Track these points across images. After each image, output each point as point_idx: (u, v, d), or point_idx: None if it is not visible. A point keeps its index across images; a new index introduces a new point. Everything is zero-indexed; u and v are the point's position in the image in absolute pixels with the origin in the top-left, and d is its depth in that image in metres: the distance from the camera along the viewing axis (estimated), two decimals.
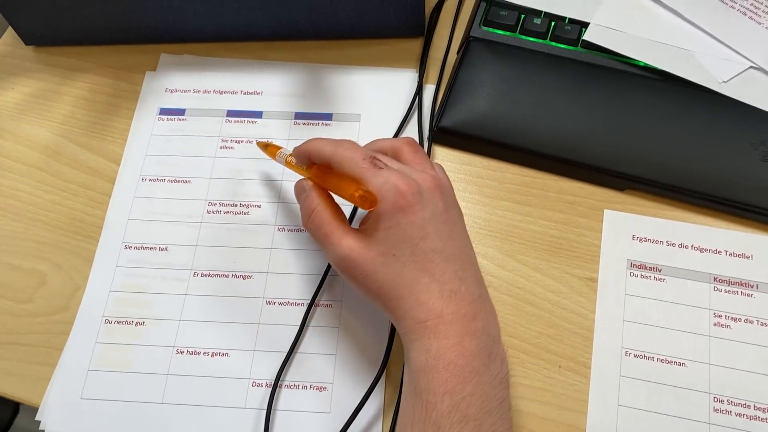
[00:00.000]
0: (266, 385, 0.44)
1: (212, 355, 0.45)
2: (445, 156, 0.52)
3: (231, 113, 0.54)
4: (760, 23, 0.53)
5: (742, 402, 0.43)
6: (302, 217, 0.42)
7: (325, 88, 0.55)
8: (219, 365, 0.45)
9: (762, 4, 0.53)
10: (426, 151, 0.52)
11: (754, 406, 0.43)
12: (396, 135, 0.53)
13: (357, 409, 0.42)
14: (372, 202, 0.37)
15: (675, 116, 0.50)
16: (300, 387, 0.44)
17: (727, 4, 0.53)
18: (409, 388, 0.36)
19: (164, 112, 0.55)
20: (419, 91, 0.54)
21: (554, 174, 0.51)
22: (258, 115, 0.54)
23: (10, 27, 0.59)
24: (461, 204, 0.49)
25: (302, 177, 0.44)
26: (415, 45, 0.57)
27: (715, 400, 0.43)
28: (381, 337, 0.45)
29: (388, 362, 0.44)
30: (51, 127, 0.55)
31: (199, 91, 0.56)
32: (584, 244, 0.48)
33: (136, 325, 0.46)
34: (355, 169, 0.38)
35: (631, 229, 0.49)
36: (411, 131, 0.53)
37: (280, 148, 0.47)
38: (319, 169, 0.42)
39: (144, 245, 0.49)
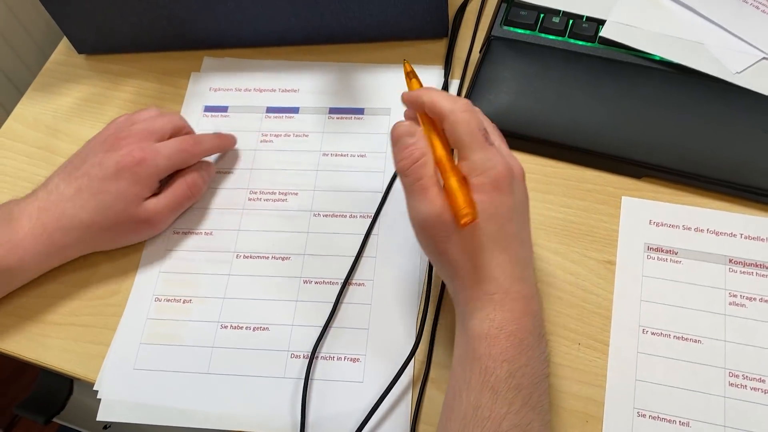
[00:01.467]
0: (304, 357, 0.47)
1: (254, 329, 0.49)
2: None
3: (270, 109, 0.59)
4: None
5: (757, 377, 0.45)
6: (402, 160, 0.41)
7: (357, 85, 0.59)
8: (260, 339, 0.48)
9: None
10: None
11: None
12: None
13: (394, 380, 0.45)
14: (466, 220, 0.37)
15: (690, 106, 0.53)
16: (335, 358, 0.47)
17: None
18: (466, 353, 0.39)
19: (209, 109, 0.59)
20: (445, 87, 0.58)
21: (574, 164, 0.54)
22: (295, 110, 0.58)
23: (64, 37, 0.64)
24: None
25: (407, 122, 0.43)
26: (440, 45, 0.61)
27: (731, 375, 0.45)
28: (409, 314, 0.49)
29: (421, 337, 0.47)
30: (101, 129, 0.59)
31: (240, 90, 0.60)
32: (603, 229, 0.51)
33: (183, 302, 0.50)
34: (469, 137, 0.39)
35: (648, 215, 0.51)
36: None
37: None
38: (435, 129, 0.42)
39: (191, 231, 0.53)
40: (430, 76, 0.59)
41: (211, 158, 0.56)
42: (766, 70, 0.53)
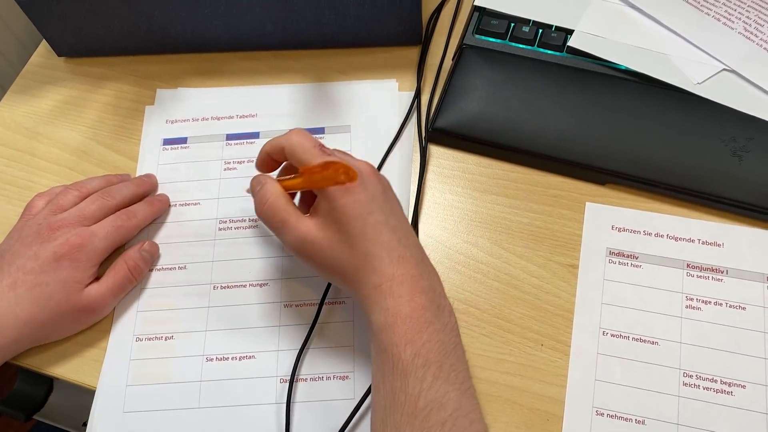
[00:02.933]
0: (296, 381, 0.48)
1: (240, 358, 0.49)
2: (439, 154, 0.57)
3: (230, 136, 0.59)
4: (732, 28, 0.56)
5: (710, 377, 0.47)
6: (257, 206, 0.46)
7: (315, 104, 0.60)
8: (247, 367, 0.49)
9: (735, 10, 0.57)
10: (421, 150, 0.56)
11: (721, 381, 0.46)
12: (395, 138, 0.57)
13: (368, 390, 0.47)
14: (353, 176, 0.41)
15: (653, 115, 0.54)
16: (324, 378, 0.48)
17: (702, 10, 0.57)
18: (376, 348, 0.41)
19: (168, 142, 0.59)
20: (417, 95, 0.59)
21: (540, 170, 0.55)
22: (255, 135, 0.59)
23: (44, 40, 0.65)
24: (454, 198, 0.54)
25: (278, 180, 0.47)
26: (414, 52, 0.62)
27: (685, 375, 0.47)
28: None
29: None
30: (81, 131, 0.60)
31: (197, 119, 0.60)
32: (566, 233, 0.52)
33: (165, 339, 0.50)
34: (307, 154, 0.43)
35: (610, 220, 0.53)
36: (408, 133, 0.58)
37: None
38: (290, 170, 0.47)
39: (165, 267, 0.53)
40: (387, 90, 0.60)
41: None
42: (726, 81, 0.55)
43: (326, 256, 0.43)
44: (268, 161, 0.48)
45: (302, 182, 0.44)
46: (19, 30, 0.71)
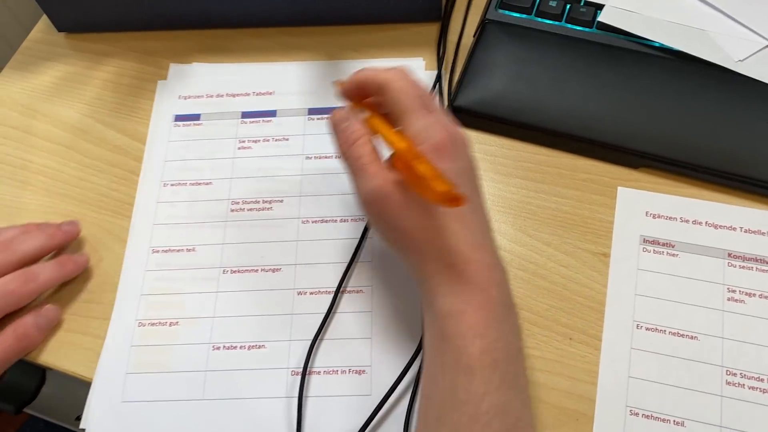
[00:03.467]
0: (308, 374, 0.45)
1: (249, 348, 0.46)
2: None
3: (246, 114, 0.56)
4: None
5: (756, 375, 0.43)
6: (340, 144, 0.40)
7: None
8: (256, 357, 0.46)
9: None
10: None
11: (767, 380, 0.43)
12: None
13: (392, 387, 0.43)
14: (458, 201, 0.33)
15: (690, 95, 0.51)
16: (339, 372, 0.45)
17: None
18: (435, 334, 0.37)
19: (179, 118, 0.56)
20: (439, 73, 0.55)
21: (568, 152, 0.51)
22: (272, 114, 0.56)
23: (44, 15, 0.62)
24: None
25: (354, 113, 0.42)
26: (432, 29, 0.58)
27: (728, 373, 0.43)
28: (415, 318, 0.46)
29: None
30: (79, 109, 0.57)
31: (212, 96, 0.57)
32: (597, 220, 0.49)
33: (170, 325, 0.47)
34: (408, 103, 0.38)
35: (644, 206, 0.49)
36: None
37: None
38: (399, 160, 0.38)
39: (171, 248, 0.50)
40: (412, 68, 0.55)
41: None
42: None
43: (399, 217, 0.37)
44: (355, 93, 0.42)
45: (395, 160, 0.38)
46: (17, 6, 0.68)
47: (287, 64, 0.58)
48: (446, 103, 0.54)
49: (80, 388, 0.46)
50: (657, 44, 0.53)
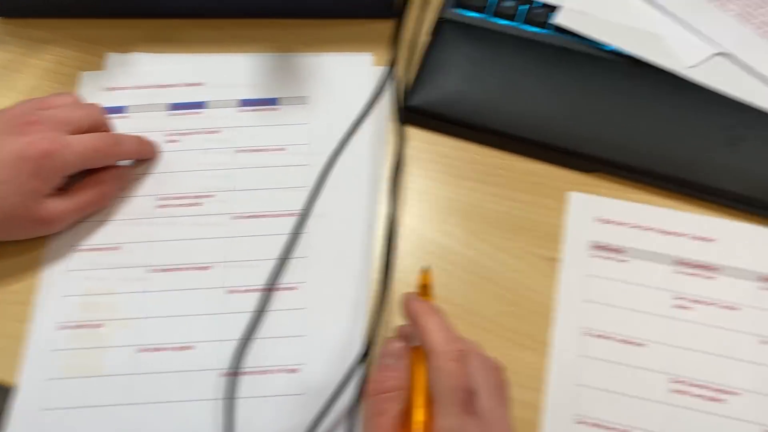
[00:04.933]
0: (236, 374, 0.44)
1: (177, 349, 0.45)
2: (413, 136, 0.52)
3: (174, 106, 0.53)
4: (727, 11, 0.53)
5: (700, 383, 0.43)
6: (373, 383, 0.35)
7: (272, 75, 0.55)
8: (185, 359, 0.44)
9: None
10: (398, 131, 0.52)
11: (712, 387, 0.42)
12: (360, 118, 0.52)
13: (338, 388, 0.42)
14: None
15: (642, 100, 0.50)
16: (271, 371, 0.44)
17: None
18: None
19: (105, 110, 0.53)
20: (391, 70, 0.54)
21: (521, 155, 0.51)
22: (202, 105, 0.53)
23: None
24: (427, 183, 0.50)
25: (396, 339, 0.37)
26: (387, 26, 0.57)
27: (673, 381, 0.43)
28: (351, 317, 0.45)
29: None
30: (14, 98, 0.53)
31: (139, 87, 0.54)
32: (548, 224, 0.48)
33: (94, 327, 0.45)
34: (447, 394, 0.32)
35: (595, 211, 0.48)
36: (381, 112, 0.53)
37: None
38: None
39: (95, 247, 0.48)
40: (355, 64, 0.55)
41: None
42: (720, 66, 0.51)
43: None
44: (410, 328, 0.37)
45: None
46: None
47: (226, 56, 0.56)
48: (399, 102, 0.53)
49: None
50: (611, 48, 0.52)
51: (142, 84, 0.55)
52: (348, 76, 0.55)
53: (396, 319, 0.45)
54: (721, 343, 0.44)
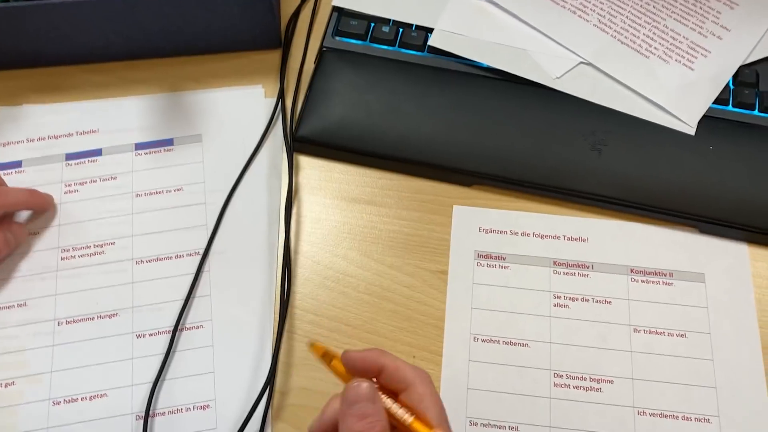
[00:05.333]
0: (152, 416, 0.45)
1: (90, 398, 0.46)
2: (306, 164, 0.55)
3: (70, 156, 0.54)
4: (587, 20, 0.57)
5: (579, 375, 0.47)
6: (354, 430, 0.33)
7: (160, 115, 0.56)
8: (99, 407, 0.46)
9: (589, 2, 0.57)
10: (288, 161, 0.54)
11: (590, 378, 0.47)
12: (255, 151, 0.55)
13: (245, 422, 0.44)
14: None
15: (514, 113, 0.54)
16: (183, 410, 0.46)
17: (558, 3, 0.57)
18: None
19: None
20: (280, 101, 0.56)
21: (408, 175, 0.54)
22: (97, 153, 0.55)
23: None
24: (321, 210, 0.53)
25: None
26: (274, 56, 0.59)
27: (555, 375, 0.47)
28: (258, 348, 0.47)
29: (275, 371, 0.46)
30: None
31: (32, 140, 0.55)
32: (435, 239, 0.51)
33: (6, 386, 0.46)
34: (438, 417, 0.34)
35: (477, 222, 0.52)
36: (275, 142, 0.55)
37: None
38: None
39: (1, 305, 0.49)
40: (244, 96, 0.57)
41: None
42: (584, 75, 0.55)
43: None
44: (371, 373, 0.36)
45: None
46: None
47: (116, 100, 0.57)
48: (289, 133, 0.55)
49: None
50: (484, 65, 0.56)
51: (36, 136, 0.55)
52: (240, 109, 0.57)
53: (297, 345, 0.48)
54: (596, 336, 0.48)
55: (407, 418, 0.34)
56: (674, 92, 0.54)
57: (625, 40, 0.56)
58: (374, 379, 0.36)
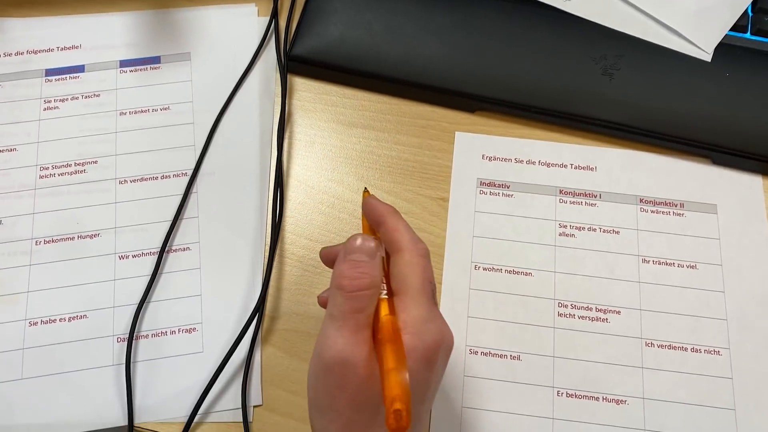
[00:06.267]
0: (135, 338, 0.43)
1: (69, 320, 0.44)
2: (301, 86, 0.52)
3: (50, 72, 0.51)
4: None
5: (584, 305, 0.45)
6: (348, 279, 0.32)
7: (152, 33, 0.53)
8: (78, 329, 0.43)
9: None
10: (282, 81, 0.51)
11: (595, 308, 0.45)
12: (246, 71, 0.52)
13: (235, 342, 0.42)
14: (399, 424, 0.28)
15: (522, 36, 0.51)
16: (168, 333, 0.44)
17: None
18: None
19: None
20: (274, 18, 0.53)
21: (408, 99, 0.51)
22: (80, 69, 0.52)
23: None
24: (317, 133, 0.50)
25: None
26: None
27: (560, 305, 0.45)
28: (248, 272, 0.45)
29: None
30: None
31: (10, 54, 0.52)
32: (436, 165, 0.49)
33: None
34: (419, 286, 0.33)
35: (480, 149, 0.49)
36: (267, 62, 0.52)
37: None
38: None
39: None
40: (237, 16, 0.54)
41: None
42: None
43: (349, 401, 0.31)
44: (372, 224, 0.37)
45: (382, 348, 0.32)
46: None
47: (102, 15, 0.54)
48: (283, 52, 0.52)
49: None
50: None
51: (15, 50, 0.52)
52: (231, 29, 0.54)
53: (288, 270, 0.46)
54: (603, 266, 0.46)
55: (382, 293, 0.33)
56: (690, 17, 0.51)
57: None
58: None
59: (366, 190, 0.40)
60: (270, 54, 0.53)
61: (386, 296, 0.33)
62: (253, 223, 0.47)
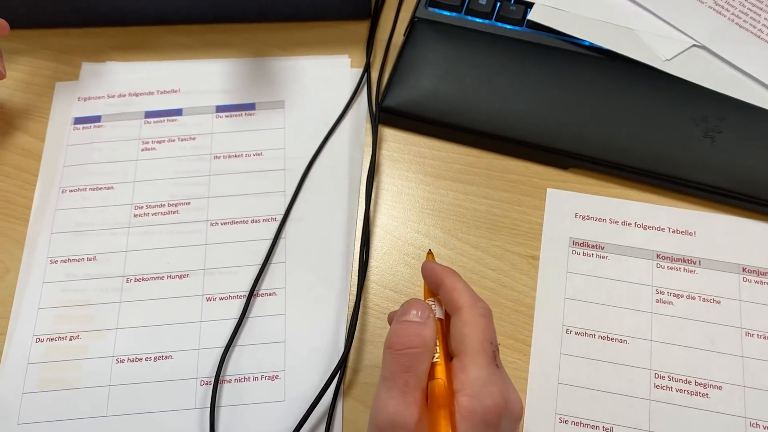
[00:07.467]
0: (219, 383, 0.43)
1: (155, 359, 0.44)
2: (390, 136, 0.52)
3: (149, 114, 0.53)
4: (703, 2, 0.53)
5: (683, 378, 0.42)
6: (399, 336, 0.32)
7: (244, 79, 0.54)
8: (163, 369, 0.43)
9: None
10: (373, 131, 0.51)
11: (695, 382, 0.42)
12: (338, 121, 0.52)
13: (320, 393, 0.41)
14: None
15: (619, 94, 0.50)
16: (251, 379, 0.43)
17: None
18: None
19: (79, 121, 0.53)
20: (367, 72, 0.54)
21: (498, 153, 0.50)
22: (177, 112, 0.53)
23: None
24: (404, 184, 0.50)
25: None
26: (362, 27, 0.57)
27: (656, 376, 0.42)
28: (332, 321, 0.45)
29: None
30: None
31: (113, 96, 0.54)
32: (526, 222, 0.48)
33: (70, 339, 0.44)
34: (478, 346, 0.32)
35: (573, 207, 0.48)
36: (358, 113, 0.53)
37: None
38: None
39: (70, 258, 0.47)
40: (331, 66, 0.55)
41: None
42: (696, 58, 0.51)
43: None
44: (431, 286, 0.37)
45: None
46: None
47: (200, 62, 0.55)
48: (374, 103, 0.52)
49: None
50: (587, 43, 0.52)
51: (117, 93, 0.54)
52: (325, 78, 0.54)
53: (372, 321, 0.45)
54: (703, 337, 0.43)
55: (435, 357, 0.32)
56: None
57: (744, 24, 0.52)
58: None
59: (430, 252, 0.40)
60: (361, 104, 0.53)
61: (438, 359, 0.32)
62: (339, 270, 0.46)
